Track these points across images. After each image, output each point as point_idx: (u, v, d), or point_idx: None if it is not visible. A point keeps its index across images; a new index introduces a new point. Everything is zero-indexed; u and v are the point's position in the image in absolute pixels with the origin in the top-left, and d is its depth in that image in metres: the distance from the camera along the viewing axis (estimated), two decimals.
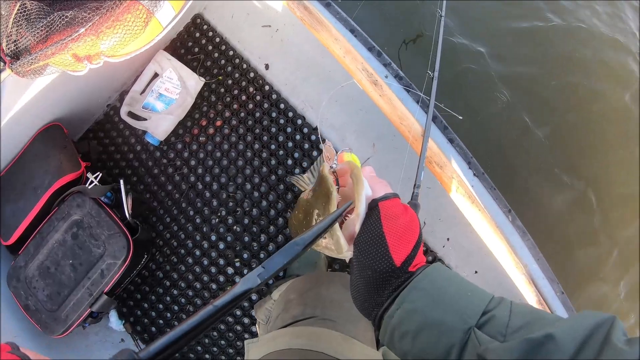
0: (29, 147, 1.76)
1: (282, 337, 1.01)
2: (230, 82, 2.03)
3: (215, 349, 1.98)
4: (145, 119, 1.99)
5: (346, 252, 0.68)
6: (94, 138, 2.13)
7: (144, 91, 2.00)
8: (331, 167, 0.72)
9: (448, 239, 1.85)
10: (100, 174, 1.77)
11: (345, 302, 1.11)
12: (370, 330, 1.08)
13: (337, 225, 0.65)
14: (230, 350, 1.96)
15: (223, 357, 1.96)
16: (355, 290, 0.66)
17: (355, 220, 0.64)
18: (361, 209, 0.64)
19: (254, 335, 1.94)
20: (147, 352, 0.47)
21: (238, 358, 1.96)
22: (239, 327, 1.96)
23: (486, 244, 1.42)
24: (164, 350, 0.48)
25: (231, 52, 2.05)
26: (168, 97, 1.96)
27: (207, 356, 1.97)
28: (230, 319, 1.96)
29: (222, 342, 1.97)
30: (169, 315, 2.01)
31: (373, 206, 0.65)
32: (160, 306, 2.02)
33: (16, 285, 1.71)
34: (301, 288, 1.19)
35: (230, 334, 1.97)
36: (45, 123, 1.80)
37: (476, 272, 1.80)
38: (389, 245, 0.61)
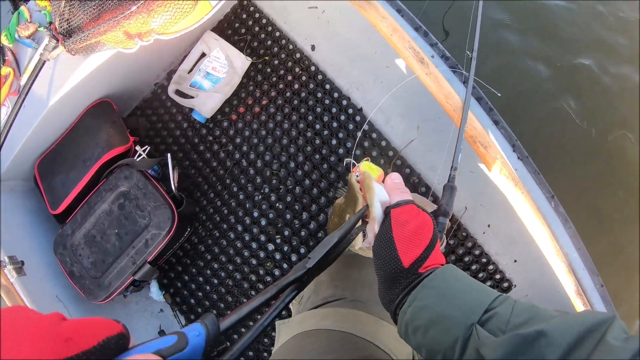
0: (79, 121, 1.83)
1: (310, 318, 1.02)
2: (276, 62, 2.04)
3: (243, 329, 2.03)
4: (193, 97, 2.03)
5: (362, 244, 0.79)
6: (142, 115, 2.19)
7: (191, 70, 2.04)
8: (356, 176, 0.83)
9: (489, 226, 1.81)
10: (149, 148, 1.82)
11: (376, 285, 1.12)
12: None
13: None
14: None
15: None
16: (378, 287, 0.74)
17: (373, 223, 0.72)
18: (375, 212, 0.72)
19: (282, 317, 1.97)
20: (225, 324, 0.51)
21: (265, 339, 2.01)
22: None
23: (528, 230, 1.40)
24: (237, 322, 0.53)
25: (277, 33, 2.06)
26: (215, 76, 2.00)
27: (234, 336, 2.00)
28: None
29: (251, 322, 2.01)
30: (208, 288, 2.06)
31: (387, 212, 0.72)
32: (201, 279, 2.07)
33: (62, 252, 1.79)
34: (332, 270, 1.19)
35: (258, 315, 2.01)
36: (95, 99, 1.86)
37: (515, 261, 1.76)
38: (397, 249, 0.67)
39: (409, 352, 0.95)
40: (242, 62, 2.01)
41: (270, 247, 1.98)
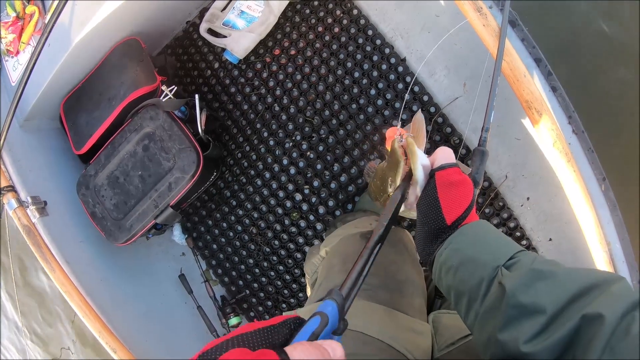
0: (106, 59, 1.76)
1: None
2: (316, 3, 1.92)
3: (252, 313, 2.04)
4: (225, 37, 1.93)
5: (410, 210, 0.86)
6: (172, 54, 2.11)
7: (225, 8, 1.94)
8: (400, 142, 0.86)
9: (528, 199, 1.70)
10: (176, 88, 1.75)
11: (391, 265, 1.09)
12: (419, 296, 1.07)
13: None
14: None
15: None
16: (417, 241, 0.82)
17: (415, 186, 0.79)
18: (418, 176, 0.78)
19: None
20: (345, 290, 0.59)
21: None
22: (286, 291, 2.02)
23: (573, 211, 1.28)
24: (352, 287, 0.61)
25: None
26: (250, 14, 1.89)
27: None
28: (279, 283, 1.99)
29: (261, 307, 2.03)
30: (231, 234, 2.03)
31: (432, 175, 0.78)
32: (224, 224, 2.03)
33: (84, 193, 1.76)
34: (345, 252, 1.18)
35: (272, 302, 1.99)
36: (123, 37, 1.78)
37: (550, 239, 1.66)
38: (442, 208, 0.74)
39: (426, 347, 0.95)
40: (278, 1, 1.89)
41: (298, 197, 1.92)
